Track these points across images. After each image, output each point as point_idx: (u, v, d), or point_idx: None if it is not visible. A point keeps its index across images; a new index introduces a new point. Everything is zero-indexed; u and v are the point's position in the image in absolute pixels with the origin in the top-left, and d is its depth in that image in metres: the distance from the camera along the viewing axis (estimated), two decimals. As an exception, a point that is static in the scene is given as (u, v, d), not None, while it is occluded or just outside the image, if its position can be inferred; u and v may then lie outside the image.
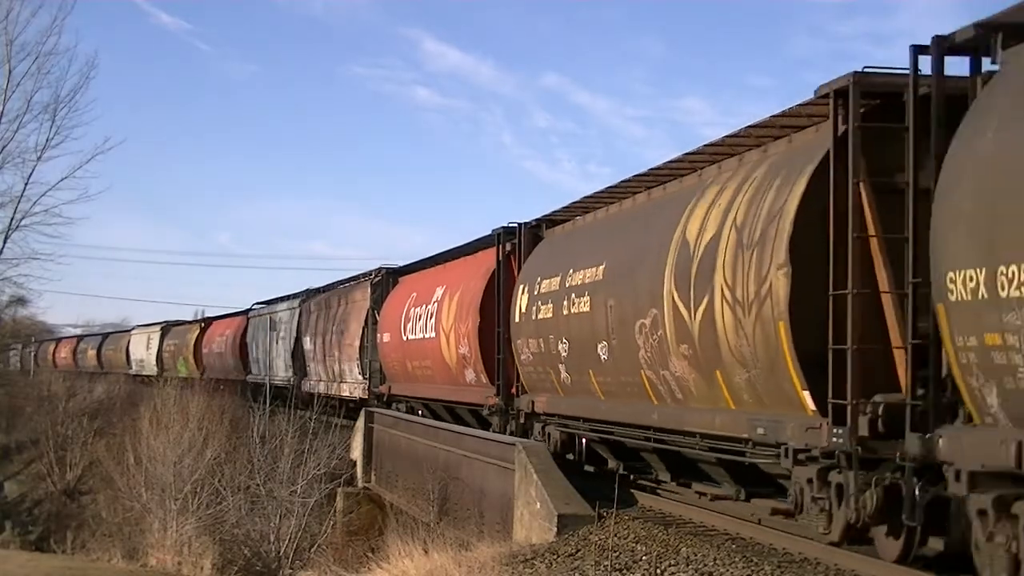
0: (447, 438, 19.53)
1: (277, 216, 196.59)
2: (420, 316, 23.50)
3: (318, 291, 35.82)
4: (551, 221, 18.87)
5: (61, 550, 30.65)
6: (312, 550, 23.30)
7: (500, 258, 19.66)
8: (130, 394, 47.43)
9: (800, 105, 10.80)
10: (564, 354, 16.10)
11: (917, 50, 9.10)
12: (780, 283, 10.19)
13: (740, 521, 12.43)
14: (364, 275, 30.34)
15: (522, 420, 18.54)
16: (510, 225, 19.73)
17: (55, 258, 51.50)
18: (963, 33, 8.57)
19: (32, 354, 74.95)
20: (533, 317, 17.32)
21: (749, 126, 11.90)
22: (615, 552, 11.37)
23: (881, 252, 9.66)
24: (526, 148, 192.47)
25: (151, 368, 54.99)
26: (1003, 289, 7.33)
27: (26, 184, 28.22)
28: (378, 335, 27.35)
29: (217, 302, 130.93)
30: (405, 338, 24.58)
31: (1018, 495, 7.77)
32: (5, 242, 28.35)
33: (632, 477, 15.78)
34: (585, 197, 16.98)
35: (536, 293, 17.32)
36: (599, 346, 14.71)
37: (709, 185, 12.66)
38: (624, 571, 10.84)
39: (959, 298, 7.88)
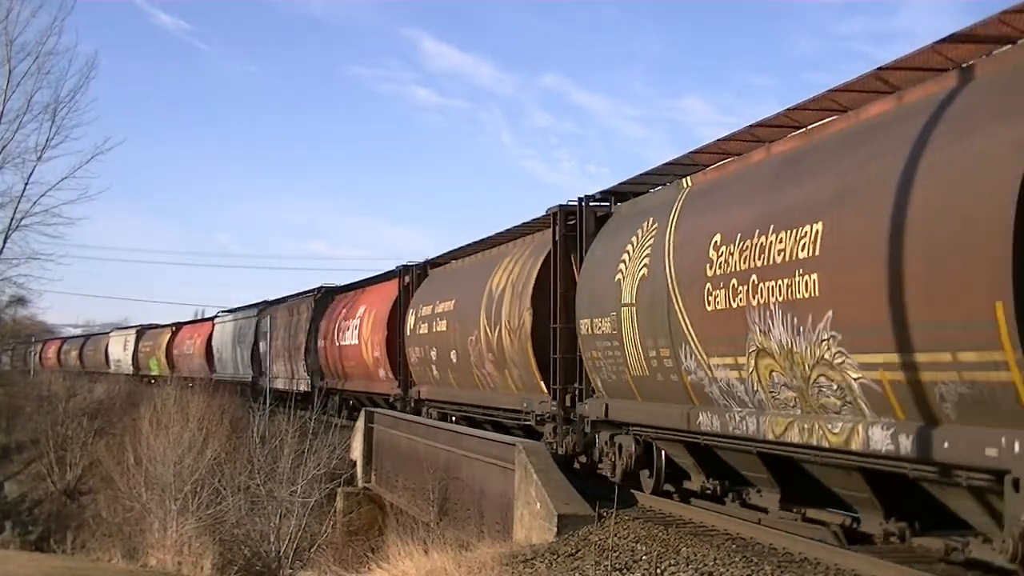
0: (447, 438, 19.55)
1: (277, 216, 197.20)
2: (348, 327, 31.15)
3: (272, 303, 42.22)
4: (434, 263, 26.03)
5: (61, 550, 30.64)
6: (312, 550, 23.30)
7: (400, 288, 26.95)
8: (130, 394, 47.46)
9: (544, 216, 18.08)
10: (434, 358, 23.08)
11: (580, 199, 16.64)
12: (527, 319, 17.63)
13: (740, 521, 12.45)
14: (308, 292, 37.36)
15: (413, 405, 25.49)
16: (407, 264, 27.07)
17: (55, 258, 51.69)
18: (600, 195, 16.40)
19: (22, 354, 75.26)
20: (417, 332, 24.32)
21: (529, 221, 19.40)
22: (615, 552, 11.37)
23: (581, 303, 16.48)
24: (526, 148, 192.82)
25: (127, 367, 61.36)
26: (595, 330, 14.83)
27: (26, 184, 28.18)
28: (319, 341, 34.10)
29: (217, 302, 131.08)
30: (338, 344, 31.90)
31: (617, 433, 15.11)
32: (5, 242, 28.29)
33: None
34: (454, 249, 24.56)
35: (419, 316, 24.26)
36: (451, 353, 21.75)
37: (507, 255, 20.30)
38: (624, 571, 10.84)
39: (584, 332, 15.36)
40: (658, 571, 10.55)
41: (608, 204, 16.41)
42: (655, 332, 12.87)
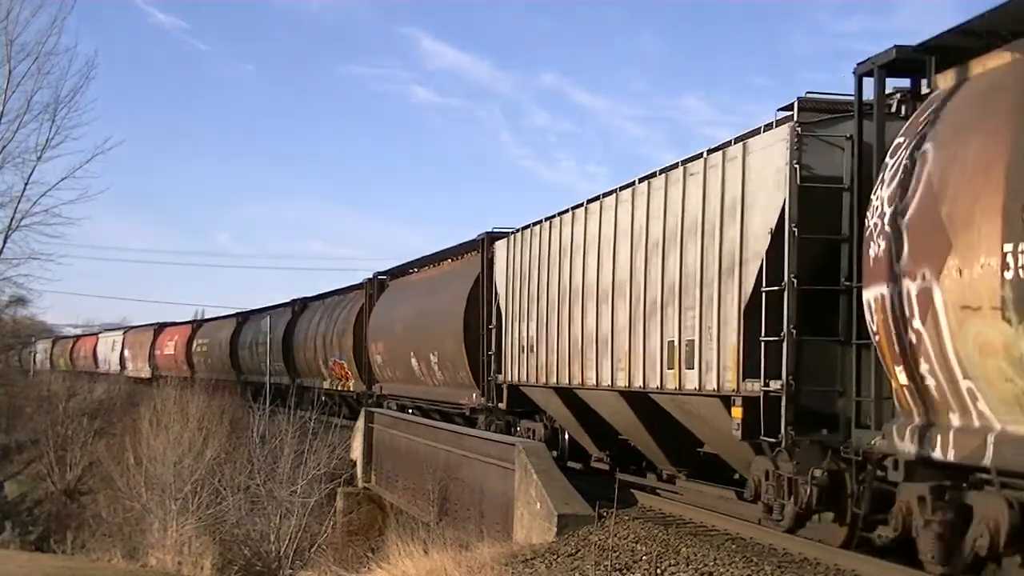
0: (447, 438, 19.55)
1: (277, 216, 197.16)
2: (168, 345, 58.70)
3: (133, 328, 71.40)
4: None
5: (61, 550, 30.62)
6: (312, 550, 23.30)
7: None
8: (130, 394, 47.50)
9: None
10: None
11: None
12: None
13: (740, 521, 12.45)
14: (151, 324, 65.31)
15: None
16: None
17: (55, 258, 51.58)
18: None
19: None
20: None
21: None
22: (615, 552, 11.37)
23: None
24: (525, 147, 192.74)
25: (47, 365, 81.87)
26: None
27: (26, 184, 28.09)
28: (156, 351, 60.27)
29: (217, 302, 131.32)
30: (164, 352, 59.54)
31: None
32: (5, 242, 28.21)
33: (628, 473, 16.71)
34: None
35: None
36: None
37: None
38: (624, 571, 10.84)
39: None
40: (658, 571, 10.54)
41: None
42: None
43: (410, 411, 26.99)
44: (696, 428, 13.28)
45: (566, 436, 18.43)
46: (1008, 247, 7.52)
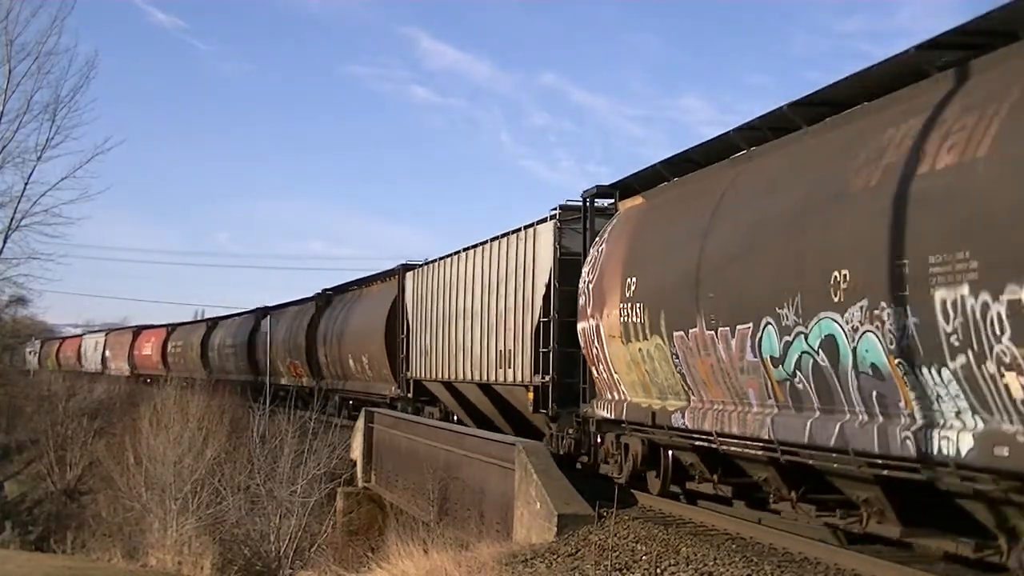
0: (447, 438, 19.55)
1: (276, 216, 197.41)
2: (146, 346, 64.02)
3: (115, 329, 77.96)
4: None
5: (61, 550, 30.63)
6: (312, 550, 23.28)
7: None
8: (130, 394, 47.51)
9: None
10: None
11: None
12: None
13: (740, 521, 12.45)
14: (129, 327, 74.00)
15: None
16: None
17: (55, 258, 51.46)
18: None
19: None
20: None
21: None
22: (615, 552, 11.36)
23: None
24: (524, 147, 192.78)
25: (35, 365, 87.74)
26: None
27: (26, 184, 28.03)
28: (135, 351, 65.88)
29: (217, 302, 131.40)
30: (143, 353, 64.79)
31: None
32: (5, 242, 28.14)
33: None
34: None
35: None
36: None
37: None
38: (624, 571, 10.83)
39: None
40: (658, 571, 10.54)
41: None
42: None
43: (350, 402, 33.03)
44: (519, 407, 19.45)
45: (455, 418, 24.08)
46: (621, 305, 13.73)
